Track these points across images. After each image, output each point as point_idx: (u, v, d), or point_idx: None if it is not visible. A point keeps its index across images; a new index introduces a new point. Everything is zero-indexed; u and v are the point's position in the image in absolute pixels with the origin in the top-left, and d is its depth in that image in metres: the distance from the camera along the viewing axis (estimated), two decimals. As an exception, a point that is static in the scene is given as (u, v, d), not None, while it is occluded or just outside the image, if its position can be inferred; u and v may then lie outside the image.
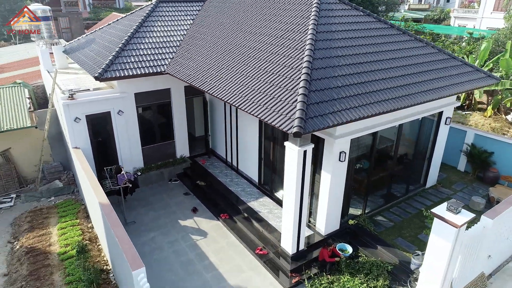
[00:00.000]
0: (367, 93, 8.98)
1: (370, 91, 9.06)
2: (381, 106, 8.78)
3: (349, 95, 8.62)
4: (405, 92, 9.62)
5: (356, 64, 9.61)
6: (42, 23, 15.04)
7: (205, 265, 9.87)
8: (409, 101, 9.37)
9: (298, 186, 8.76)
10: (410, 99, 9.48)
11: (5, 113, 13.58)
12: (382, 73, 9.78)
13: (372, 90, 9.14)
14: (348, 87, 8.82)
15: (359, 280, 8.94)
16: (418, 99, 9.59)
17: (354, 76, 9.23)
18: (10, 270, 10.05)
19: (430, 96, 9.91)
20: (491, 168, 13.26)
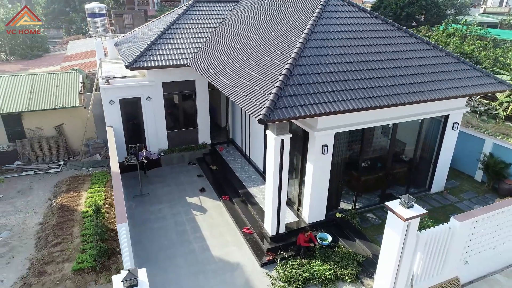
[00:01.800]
0: (350, 90, 9.43)
1: (355, 88, 9.49)
2: (360, 103, 9.18)
3: (329, 91, 9.17)
4: (394, 92, 9.85)
5: (347, 62, 10.06)
6: (98, 19, 17.47)
7: (196, 237, 11.10)
8: (394, 100, 9.59)
9: (276, 172, 9.56)
10: (397, 98, 9.69)
11: (60, 94, 16.16)
12: (374, 73, 10.09)
13: (358, 87, 9.56)
14: (330, 83, 9.36)
15: (328, 266, 9.49)
16: (405, 99, 9.75)
17: (341, 74, 9.71)
18: (44, 220, 12.26)
19: (421, 97, 9.99)
20: (506, 180, 12.65)
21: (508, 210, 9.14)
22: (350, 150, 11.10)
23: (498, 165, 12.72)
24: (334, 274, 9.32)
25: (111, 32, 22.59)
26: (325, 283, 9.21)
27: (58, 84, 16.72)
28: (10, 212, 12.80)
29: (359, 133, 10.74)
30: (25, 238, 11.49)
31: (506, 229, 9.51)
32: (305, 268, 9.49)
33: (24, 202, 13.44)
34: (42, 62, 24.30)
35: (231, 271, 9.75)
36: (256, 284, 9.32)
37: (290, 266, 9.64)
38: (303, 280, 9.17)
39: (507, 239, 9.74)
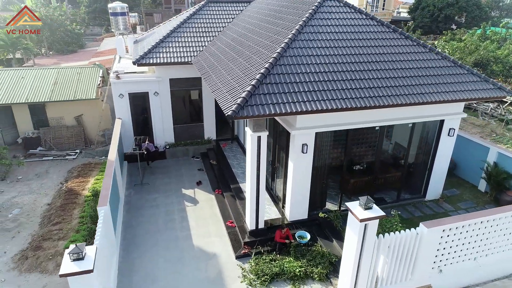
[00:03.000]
0: (332, 90, 9.46)
1: (337, 89, 9.52)
2: (340, 103, 9.19)
3: (308, 90, 9.28)
4: (380, 93, 9.77)
5: (333, 63, 10.09)
6: (119, 17, 18.57)
7: (182, 226, 11.63)
8: (377, 102, 9.51)
9: (254, 168, 9.84)
10: (381, 100, 9.59)
11: (80, 87, 17.41)
12: (362, 74, 10.04)
13: (341, 88, 9.58)
14: (311, 83, 9.46)
15: (299, 264, 9.63)
16: (390, 101, 9.64)
17: (324, 74, 9.77)
18: (52, 202, 13.36)
19: (408, 100, 9.80)
20: (508, 192, 12.04)
21: (488, 221, 8.82)
22: (335, 151, 11.12)
23: (500, 175, 12.13)
24: (304, 271, 9.44)
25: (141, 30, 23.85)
26: (294, 280, 9.36)
27: (80, 77, 18.00)
28: (25, 192, 14.07)
29: (343, 134, 10.74)
30: (32, 216, 12.61)
31: (488, 240, 9.16)
32: (276, 264, 9.69)
33: (39, 184, 14.69)
34: (75, 57, 26.19)
35: (207, 260, 10.17)
36: (227, 274, 9.67)
37: (263, 260, 9.88)
38: (271, 275, 9.38)
39: (489, 252, 9.37)
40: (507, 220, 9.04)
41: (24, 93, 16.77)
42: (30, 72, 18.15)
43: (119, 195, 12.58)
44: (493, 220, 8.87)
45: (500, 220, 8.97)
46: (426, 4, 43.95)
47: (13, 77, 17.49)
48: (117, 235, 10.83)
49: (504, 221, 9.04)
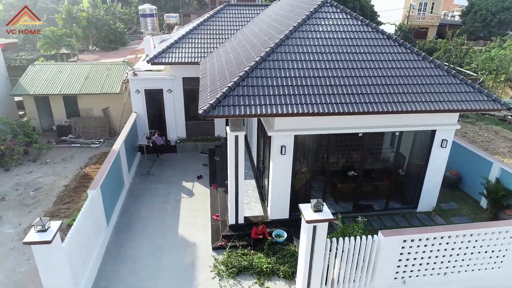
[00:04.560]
0: (313, 94, 9.73)
1: (318, 94, 9.76)
2: (317, 108, 9.43)
3: (287, 94, 9.63)
4: (364, 100, 9.83)
5: (319, 68, 10.33)
6: (148, 19, 19.95)
7: (173, 215, 12.46)
8: (358, 108, 9.59)
9: (232, 166, 10.37)
10: (363, 107, 9.66)
11: (108, 82, 19.01)
12: (348, 80, 10.16)
13: (322, 93, 9.81)
14: (291, 87, 9.79)
15: (268, 260, 10.01)
16: (372, 108, 9.67)
17: (308, 79, 10.05)
18: (68, 184, 14.89)
19: (391, 108, 9.75)
20: (507, 210, 11.41)
21: (458, 236, 8.59)
22: (318, 155, 11.30)
23: (498, 192, 11.51)
24: (271, 268, 9.81)
25: (177, 30, 25.08)
26: (260, 275, 9.75)
27: (109, 73, 19.63)
28: (49, 174, 15.79)
29: (326, 139, 10.89)
30: (49, 196, 14.18)
31: (460, 256, 8.90)
32: (247, 258, 10.14)
33: (62, 167, 16.38)
34: (115, 54, 28.36)
35: (186, 248, 10.88)
36: (201, 262, 10.30)
37: (235, 253, 10.38)
38: (239, 268, 9.86)
39: (462, 269, 9.09)
40: (480, 237, 8.73)
41: (59, 85, 18.70)
42: (67, 67, 20.14)
43: (124, 183, 13.74)
44: (463, 235, 8.62)
45: (472, 236, 8.69)
46: (479, 8, 41.29)
47: (52, 71, 19.54)
48: (112, 218, 11.90)
49: (477, 238, 8.74)
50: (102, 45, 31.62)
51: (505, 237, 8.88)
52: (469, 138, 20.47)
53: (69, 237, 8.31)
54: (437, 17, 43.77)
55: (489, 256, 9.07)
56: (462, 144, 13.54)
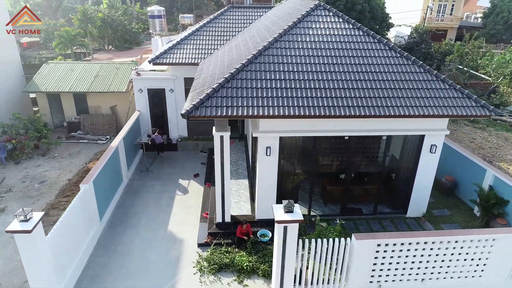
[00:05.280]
0: (298, 97, 9.87)
1: (304, 96, 9.89)
2: (300, 110, 9.57)
3: (272, 96, 9.81)
4: (349, 103, 9.89)
5: (306, 71, 10.46)
6: (156, 20, 20.54)
7: (166, 211, 12.84)
8: (342, 112, 9.66)
9: (218, 165, 10.64)
10: (347, 110, 9.72)
11: (115, 81, 19.66)
12: (334, 83, 10.24)
13: (307, 96, 9.94)
14: (276, 89, 9.97)
15: (249, 259, 10.22)
16: (357, 111, 9.72)
17: (294, 82, 10.21)
18: (72, 178, 15.55)
19: (376, 112, 9.78)
20: (498, 219, 11.19)
21: (434, 242, 8.54)
22: (305, 156, 11.40)
23: (490, 200, 11.30)
24: (251, 267, 10.02)
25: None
26: (240, 272, 9.98)
27: (117, 72, 20.30)
28: (55, 168, 16.52)
29: (312, 141, 10.99)
30: (53, 189, 14.86)
31: (437, 263, 8.84)
32: (229, 256, 10.39)
33: (68, 162, 17.10)
34: (128, 53, 29.22)
35: (173, 244, 11.23)
36: (185, 258, 10.62)
37: (219, 251, 10.65)
38: (220, 264, 10.12)
39: (440, 276, 9.02)
40: (458, 245, 8.65)
41: (69, 83, 19.50)
42: (78, 66, 20.95)
43: (122, 178, 14.25)
44: (440, 242, 8.56)
45: (450, 243, 8.61)
46: (501, 9, 39.99)
47: (64, 70, 20.37)
48: (107, 212, 12.40)
49: (455, 245, 8.66)
50: (117, 45, 32.70)
51: (485, 246, 8.76)
52: (476, 144, 19.99)
53: (55, 228, 8.79)
54: (457, 19, 42.63)
55: (469, 264, 8.96)
56: (458, 150, 13.32)
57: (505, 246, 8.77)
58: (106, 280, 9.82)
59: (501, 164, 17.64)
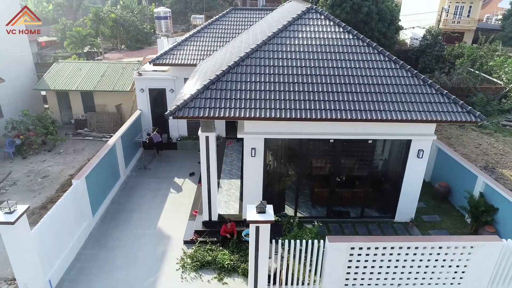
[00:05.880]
0: (282, 100, 10.02)
1: (289, 99, 10.03)
2: (283, 113, 9.72)
3: (257, 98, 9.99)
4: (334, 107, 9.96)
5: (293, 74, 10.58)
6: (162, 21, 20.99)
7: (157, 208, 13.19)
8: (323, 115, 9.75)
9: (204, 165, 10.89)
10: (331, 114, 9.79)
11: (121, 80, 20.22)
12: (321, 86, 10.32)
13: (293, 99, 10.07)
14: (261, 91, 10.14)
15: (230, 257, 10.43)
16: (341, 115, 9.77)
17: (280, 84, 10.35)
18: (74, 173, 16.11)
19: (361, 116, 9.81)
20: (487, 226, 11.01)
21: (410, 248, 8.52)
22: (291, 158, 11.51)
23: (479, 207, 11.12)
24: (232, 265, 10.22)
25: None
26: (221, 270, 10.20)
27: (123, 72, 20.86)
28: (59, 163, 17.16)
29: (298, 143, 11.08)
30: (55, 183, 15.46)
31: (414, 269, 8.81)
32: (212, 254, 10.62)
33: (72, 158, 17.73)
34: (138, 53, 29.90)
35: (161, 240, 11.54)
36: (170, 254, 10.91)
37: (203, 248, 10.89)
38: (202, 262, 10.36)
39: (417, 281, 8.98)
40: (434, 251, 8.59)
41: (77, 82, 20.18)
42: (86, 65, 21.64)
43: (120, 175, 14.70)
44: (416, 248, 8.53)
45: (426, 249, 8.57)
46: (520, 11, 38.73)
47: (73, 69, 21.09)
48: (101, 207, 12.84)
49: (432, 252, 8.61)
50: (129, 45, 33.54)
51: (463, 253, 8.67)
52: (481, 150, 19.55)
53: (42, 221, 9.22)
54: (474, 21, 41.54)
55: (446, 271, 8.89)
56: (451, 155, 13.13)
57: (484, 254, 8.66)
58: (92, 273, 10.21)
59: (504, 171, 17.22)
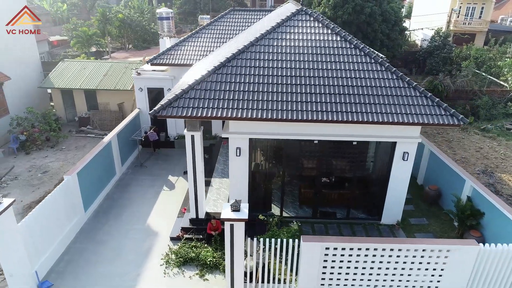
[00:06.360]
0: (268, 101, 10.17)
1: (274, 100, 10.17)
2: (266, 113, 9.87)
3: (240, 99, 10.17)
4: (318, 108, 10.05)
5: (279, 76, 10.71)
6: (165, 21, 21.29)
7: (148, 204, 13.48)
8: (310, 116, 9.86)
9: (190, 163, 11.12)
10: (315, 115, 9.89)
11: (123, 79, 20.66)
12: (306, 88, 10.41)
13: (277, 99, 10.20)
14: (245, 92, 10.30)
15: (213, 254, 10.62)
16: (325, 116, 9.86)
17: (265, 85, 10.50)
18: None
19: (344, 118, 9.87)
20: (472, 231, 10.91)
21: (385, 249, 8.55)
22: (277, 159, 11.63)
23: (464, 211, 11.03)
24: (214, 262, 10.42)
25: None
26: (203, 267, 10.40)
27: (126, 71, 21.31)
28: (60, 159, 17.68)
29: (283, 144, 11.20)
30: (54, 179, 15.95)
31: (390, 271, 8.84)
32: (195, 250, 10.84)
33: (73, 155, 18.23)
34: (146, 53, 30.36)
35: (149, 235, 11.82)
36: (156, 249, 11.18)
37: (188, 245, 11.11)
38: (186, 258, 10.59)
39: (395, 284, 9.00)
40: (410, 253, 8.60)
41: (80, 80, 20.71)
42: (91, 64, 22.18)
43: (115, 172, 15.07)
44: (391, 249, 8.56)
45: (401, 251, 8.58)
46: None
47: (77, 68, 21.65)
48: (95, 202, 13.20)
49: (407, 254, 8.61)
50: (136, 44, 34.22)
51: (440, 256, 8.65)
52: (482, 154, 19.27)
53: (30, 214, 9.60)
54: (485, 22, 40.74)
55: (423, 275, 8.87)
56: (442, 158, 13.03)
57: (461, 258, 8.62)
58: (79, 265, 10.55)
59: (503, 176, 16.97)
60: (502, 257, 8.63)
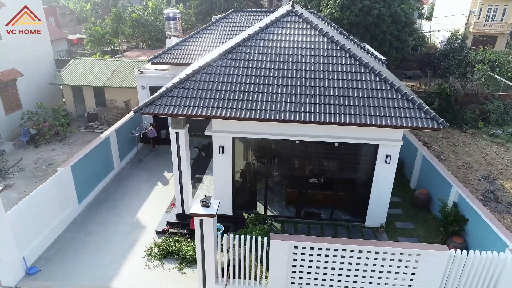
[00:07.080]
0: (251, 100, 10.36)
1: (257, 100, 10.34)
2: (248, 113, 10.07)
3: (223, 98, 10.41)
4: (299, 109, 10.16)
5: (263, 76, 10.88)
6: (171, 22, 21.79)
7: (141, 199, 13.91)
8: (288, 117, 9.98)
9: (175, 160, 11.45)
10: (295, 116, 10.00)
11: (129, 77, 21.31)
12: (288, 89, 10.53)
13: (261, 99, 10.38)
14: (231, 92, 10.53)
15: (192, 248, 10.87)
16: (304, 117, 9.96)
17: (249, 85, 10.69)
18: (75, 163, 17.27)
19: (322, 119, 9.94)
20: (455, 237, 10.74)
21: (353, 250, 8.59)
22: (261, 158, 11.79)
23: (448, 217, 10.87)
24: (194, 256, 10.69)
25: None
26: (183, 261, 10.71)
27: (133, 69, 21.95)
28: (66, 153, 18.46)
29: (266, 143, 11.36)
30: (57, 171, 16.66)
31: (359, 272, 8.86)
32: (177, 244, 11.15)
33: (78, 149, 18.96)
34: (156, 51, 31.06)
35: (135, 228, 12.25)
36: (141, 242, 11.57)
37: (171, 239, 11.45)
38: (167, 251, 10.93)
39: (365, 285, 9.01)
40: (379, 256, 8.59)
41: (90, 78, 21.51)
42: (100, 62, 22.98)
43: (113, 166, 15.62)
44: (360, 251, 8.58)
45: (370, 254, 8.59)
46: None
47: (87, 65, 22.49)
48: (90, 195, 13.76)
49: (377, 256, 8.61)
50: (148, 43, 35.12)
51: (410, 260, 8.59)
52: (487, 160, 18.76)
53: (20, 203, 10.17)
54: (508, 24, 39.30)
55: (393, 278, 8.83)
56: (432, 163, 12.83)
57: (432, 262, 8.54)
58: (67, 253, 11.07)
59: (504, 183, 16.50)
60: (475, 264, 8.50)
